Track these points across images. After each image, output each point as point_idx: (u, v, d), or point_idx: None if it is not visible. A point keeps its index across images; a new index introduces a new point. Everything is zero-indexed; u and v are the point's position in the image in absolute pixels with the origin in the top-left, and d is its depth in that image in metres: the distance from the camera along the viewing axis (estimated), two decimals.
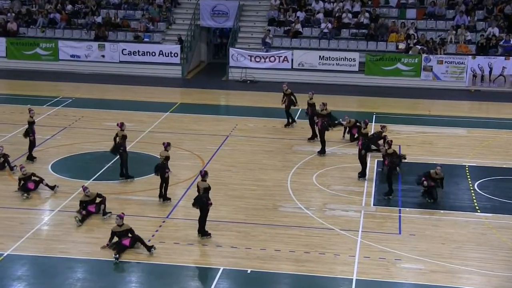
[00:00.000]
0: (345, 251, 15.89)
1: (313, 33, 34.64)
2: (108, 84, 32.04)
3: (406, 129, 25.62)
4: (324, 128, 22.16)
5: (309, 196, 19.23)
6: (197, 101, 29.38)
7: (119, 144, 19.41)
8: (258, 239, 16.40)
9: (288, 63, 33.39)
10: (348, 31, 34.45)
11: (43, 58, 34.67)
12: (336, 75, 32.88)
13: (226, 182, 19.99)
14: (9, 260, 15.08)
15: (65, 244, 15.92)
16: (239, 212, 17.98)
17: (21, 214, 17.53)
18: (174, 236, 16.42)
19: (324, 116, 22.29)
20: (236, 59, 33.66)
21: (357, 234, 16.78)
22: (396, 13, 35.42)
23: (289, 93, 24.69)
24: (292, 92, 24.73)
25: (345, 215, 17.97)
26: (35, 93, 29.93)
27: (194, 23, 35.84)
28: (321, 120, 22.16)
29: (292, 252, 15.76)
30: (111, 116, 21.68)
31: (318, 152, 22.23)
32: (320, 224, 17.34)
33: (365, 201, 18.90)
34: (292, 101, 24.76)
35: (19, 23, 35.91)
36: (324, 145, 22.25)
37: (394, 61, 32.62)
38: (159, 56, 34.22)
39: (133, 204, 18.34)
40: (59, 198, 18.63)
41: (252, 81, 33.13)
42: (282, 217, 17.67)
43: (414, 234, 16.89)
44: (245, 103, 28.98)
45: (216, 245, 15.99)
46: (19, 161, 20.89)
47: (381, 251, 15.92)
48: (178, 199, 18.72)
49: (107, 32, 35.12)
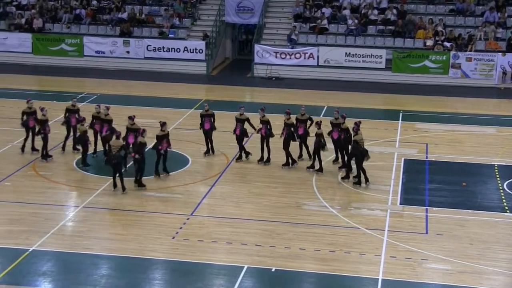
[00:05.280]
0: (370, 250, 15.82)
1: (339, 29, 34.51)
2: (133, 80, 32.21)
3: (433, 127, 25.44)
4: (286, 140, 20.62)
5: (334, 195, 19.16)
6: (222, 98, 29.43)
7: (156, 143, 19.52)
8: (282, 237, 16.38)
9: (313, 60, 33.30)
10: (375, 28, 34.27)
11: (69, 54, 34.96)
12: (362, 72, 32.73)
13: (250, 180, 19.99)
14: (34, 255, 15.23)
15: (89, 240, 16.04)
16: (264, 210, 17.97)
17: (46, 210, 17.70)
18: (198, 234, 16.46)
19: (289, 126, 20.63)
20: (261, 56, 33.64)
21: (383, 233, 16.69)
22: (423, 9, 35.15)
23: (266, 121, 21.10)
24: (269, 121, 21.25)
25: (371, 213, 17.88)
26: (60, 89, 30.20)
27: (219, 19, 35.89)
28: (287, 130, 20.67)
29: (317, 251, 15.72)
30: (135, 112, 21.77)
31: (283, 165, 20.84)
32: (345, 223, 17.27)
33: (392, 199, 18.79)
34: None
35: (45, 19, 36.23)
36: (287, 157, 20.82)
37: (422, 58, 32.39)
38: (184, 53, 34.32)
39: (157, 201, 18.42)
40: (84, 194, 18.77)
41: (277, 78, 33.09)
42: (306, 216, 17.64)
43: (441, 234, 16.75)
44: (270, 100, 28.96)
45: (241, 243, 16.00)
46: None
47: (408, 251, 15.82)
48: (202, 196, 18.76)
49: (132, 28, 35.31)
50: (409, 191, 19.39)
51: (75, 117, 21.30)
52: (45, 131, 20.76)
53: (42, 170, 20.34)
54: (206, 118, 21.42)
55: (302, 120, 20.90)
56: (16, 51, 35.23)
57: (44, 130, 20.78)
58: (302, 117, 20.94)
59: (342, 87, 31.48)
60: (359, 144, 19.22)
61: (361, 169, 19.42)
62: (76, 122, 21.22)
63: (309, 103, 28.33)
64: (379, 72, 32.71)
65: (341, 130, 20.30)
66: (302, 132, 20.80)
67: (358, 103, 28.89)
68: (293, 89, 31.18)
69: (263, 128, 20.80)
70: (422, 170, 21.07)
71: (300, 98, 29.42)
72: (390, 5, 34.80)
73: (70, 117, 21.43)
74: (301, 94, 30.40)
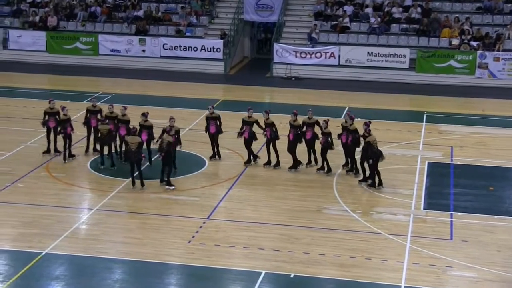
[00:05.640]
0: (393, 256, 15.76)
1: (361, 28, 34.43)
2: (149, 80, 32.35)
3: (459, 129, 25.31)
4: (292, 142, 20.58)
5: (355, 199, 19.12)
6: (240, 98, 29.46)
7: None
8: (301, 242, 16.37)
9: (335, 60, 33.25)
10: (398, 26, 34.15)
11: (83, 52, 35.19)
12: (385, 72, 32.63)
13: (268, 183, 20.00)
14: (47, 259, 15.33)
15: (103, 244, 16.12)
16: (282, 213, 17.96)
17: (58, 212, 17.81)
18: (215, 238, 16.49)
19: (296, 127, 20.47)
20: (281, 55, 33.65)
21: (406, 239, 16.62)
22: (449, 7, 34.98)
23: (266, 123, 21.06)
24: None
25: (393, 218, 17.82)
26: (75, 88, 30.40)
27: (237, 17, 35.94)
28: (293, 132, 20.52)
29: (337, 257, 15.69)
30: (151, 112, 21.85)
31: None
32: (366, 227, 17.23)
33: (415, 204, 18.71)
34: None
35: (59, 17, 36.49)
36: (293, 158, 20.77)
37: (447, 57, 32.24)
38: (201, 51, 34.42)
39: (173, 204, 18.48)
40: (98, 196, 18.88)
41: (297, 78, 33.07)
42: (326, 220, 17.61)
43: (466, 240, 16.65)
44: (290, 100, 28.95)
45: (258, 248, 16.01)
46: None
47: (431, 258, 15.74)
48: (219, 199, 18.79)
49: (148, 26, 35.46)
50: (433, 196, 19.29)
51: (96, 118, 21.26)
52: (65, 131, 20.91)
53: (56, 172, 20.49)
54: (211, 121, 21.17)
55: (310, 123, 20.56)
56: (30, 50, 35.51)
57: (64, 129, 20.92)
58: (310, 121, 20.62)
59: (364, 88, 31.39)
60: (372, 145, 19.18)
61: (376, 171, 19.38)
62: (96, 123, 21.24)
63: (330, 104, 28.35)
64: (402, 72, 32.58)
65: (349, 131, 20.13)
66: (310, 136, 20.52)
67: (380, 104, 28.80)
68: (313, 89, 31.14)
69: (267, 130, 20.65)
70: (447, 174, 20.97)
71: (321, 99, 29.40)
72: (414, 3, 34.67)
73: (90, 118, 21.43)
74: (321, 94, 30.36)
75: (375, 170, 19.35)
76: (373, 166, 19.28)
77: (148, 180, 19.70)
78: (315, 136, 20.56)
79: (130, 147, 19.02)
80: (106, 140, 20.64)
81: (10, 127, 24.58)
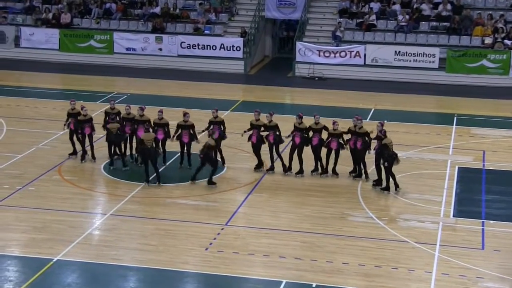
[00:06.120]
0: (420, 266, 15.69)
1: (388, 25, 34.35)
2: (165, 80, 32.49)
3: (491, 133, 25.18)
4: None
5: (381, 205, 19.07)
6: (261, 99, 29.48)
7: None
8: (324, 250, 16.35)
9: (360, 59, 33.20)
10: (428, 24, 34.03)
11: (97, 51, 35.42)
12: (414, 72, 32.53)
13: (290, 187, 20.00)
14: (58, 266, 15.43)
15: (117, 251, 16.19)
16: (304, 220, 17.96)
17: (71, 217, 17.93)
18: (233, 245, 16.51)
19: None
20: (304, 54, 33.66)
21: (434, 248, 16.55)
22: (482, 4, 34.79)
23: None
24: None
25: (421, 226, 17.75)
26: (88, 88, 30.61)
27: (258, 15, 36.00)
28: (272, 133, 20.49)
29: (362, 266, 15.65)
30: (167, 114, 21.91)
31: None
32: (393, 235, 17.17)
33: (444, 211, 18.63)
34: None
35: (73, 14, 36.77)
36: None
37: (479, 57, 32.08)
38: (220, 50, 34.51)
39: (190, 209, 18.54)
40: (112, 200, 18.98)
41: (321, 78, 33.05)
42: (351, 227, 17.58)
43: (499, 250, 16.55)
44: (313, 101, 28.93)
45: (279, 256, 16.01)
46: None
47: (462, 268, 15.66)
48: (238, 205, 18.82)
49: (165, 23, 35.62)
50: (463, 202, 19.19)
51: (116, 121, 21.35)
52: (83, 131, 21.07)
53: (68, 175, 20.63)
54: (214, 125, 21.13)
55: (317, 129, 20.35)
56: (43, 48, 35.82)
57: (82, 129, 21.08)
58: (316, 126, 20.41)
59: (391, 89, 31.30)
60: (388, 148, 19.14)
61: (391, 175, 19.35)
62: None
63: (355, 105, 28.28)
64: (432, 72, 32.47)
65: (358, 135, 19.94)
66: (317, 142, 20.33)
67: (408, 106, 28.70)
68: (337, 90, 31.10)
69: (270, 134, 20.52)
70: (478, 180, 20.86)
71: (345, 100, 29.36)
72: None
73: (109, 121, 21.35)
74: (346, 96, 30.31)
75: (390, 173, 19.32)
76: (388, 169, 19.26)
77: (164, 184, 19.78)
78: (322, 142, 20.38)
79: (146, 144, 19.44)
80: (114, 138, 20.84)
81: (21, 128, 24.80)
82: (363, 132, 19.96)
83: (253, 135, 20.70)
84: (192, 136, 20.77)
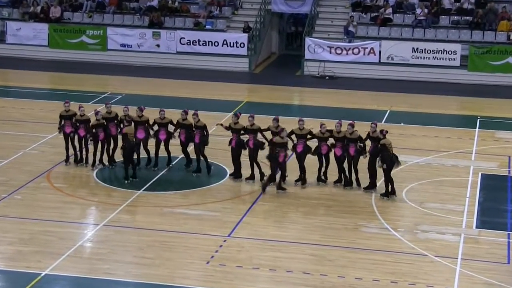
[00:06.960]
0: (440, 282, 15.69)
1: (405, 20, 34.42)
2: (163, 79, 32.56)
3: None
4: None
5: (397, 215, 19.08)
6: (266, 100, 29.52)
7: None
8: (335, 264, 16.35)
9: (375, 56, 33.26)
10: (448, 18, 34.08)
11: (90, 47, 35.54)
12: (433, 71, 32.59)
13: (299, 196, 20.01)
14: (47, 281, 15.45)
15: (110, 264, 16.22)
16: (313, 231, 17.96)
17: (60, 228, 17.96)
18: (236, 258, 16.53)
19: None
20: (313, 51, 33.72)
21: (455, 262, 16.54)
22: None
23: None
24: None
25: (441, 238, 17.75)
26: (80, 87, 30.68)
27: (264, 8, 36.09)
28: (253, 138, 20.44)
29: (376, 281, 15.65)
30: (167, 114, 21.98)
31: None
32: (410, 248, 17.17)
33: (466, 222, 18.62)
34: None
35: (63, 7, 36.87)
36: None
37: (504, 54, 32.13)
38: (222, 47, 34.61)
39: (190, 220, 18.55)
40: (105, 210, 19.01)
41: (332, 76, 33.10)
42: (364, 239, 17.58)
43: None
44: (323, 102, 28.96)
45: (286, 270, 16.02)
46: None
47: (485, 284, 15.65)
48: (241, 214, 18.83)
49: (163, 17, 35.71)
50: (487, 213, 19.19)
51: (115, 125, 21.21)
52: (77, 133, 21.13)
53: (58, 182, 20.67)
54: (196, 130, 21.05)
55: (301, 135, 20.17)
56: (30, 44, 35.99)
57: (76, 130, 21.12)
58: (301, 132, 20.23)
59: (408, 88, 31.32)
60: (387, 149, 19.14)
61: (389, 179, 19.41)
62: (116, 131, 21.17)
63: (369, 107, 28.31)
64: (452, 71, 32.53)
65: (350, 141, 19.84)
66: (301, 149, 20.15)
67: (426, 108, 28.70)
68: (350, 90, 31.13)
69: (250, 139, 20.39)
70: (503, 188, 20.86)
71: (358, 101, 29.37)
72: None
73: (109, 126, 21.15)
74: (359, 96, 30.33)
75: (388, 177, 19.35)
76: (387, 172, 19.26)
77: (162, 192, 19.82)
78: (306, 149, 20.23)
79: (129, 138, 20.09)
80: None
81: (7, 131, 24.86)
82: (355, 137, 19.94)
83: (250, 139, 20.60)
84: (170, 134, 21.16)
